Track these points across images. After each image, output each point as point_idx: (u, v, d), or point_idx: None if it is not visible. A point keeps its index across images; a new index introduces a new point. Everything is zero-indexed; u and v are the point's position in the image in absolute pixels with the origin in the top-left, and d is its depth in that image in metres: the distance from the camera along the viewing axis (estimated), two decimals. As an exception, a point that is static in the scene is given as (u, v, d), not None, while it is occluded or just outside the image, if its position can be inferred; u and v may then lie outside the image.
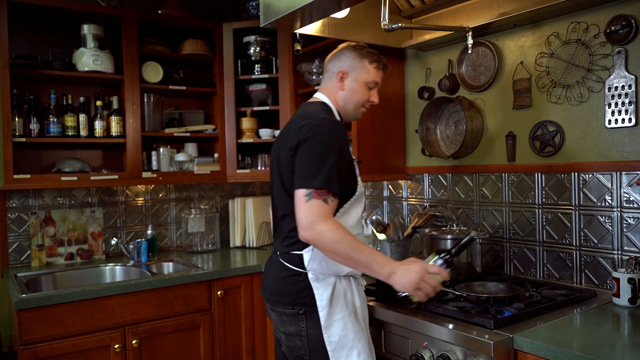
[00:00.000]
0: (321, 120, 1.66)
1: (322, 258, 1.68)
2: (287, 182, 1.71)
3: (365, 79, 1.82)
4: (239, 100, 3.28)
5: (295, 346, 1.73)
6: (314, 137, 1.61)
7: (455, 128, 2.56)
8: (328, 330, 1.66)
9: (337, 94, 1.83)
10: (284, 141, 1.74)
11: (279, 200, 1.78)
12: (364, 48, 1.84)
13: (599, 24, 2.02)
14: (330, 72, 1.84)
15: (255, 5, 3.26)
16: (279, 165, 1.76)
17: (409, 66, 2.84)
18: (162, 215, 3.31)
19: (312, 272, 1.69)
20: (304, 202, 1.57)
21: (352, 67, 1.81)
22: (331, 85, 1.84)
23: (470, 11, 2.33)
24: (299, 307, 1.69)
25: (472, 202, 2.52)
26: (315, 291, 1.68)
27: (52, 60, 2.71)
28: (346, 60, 1.81)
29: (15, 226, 2.85)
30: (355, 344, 1.67)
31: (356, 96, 1.82)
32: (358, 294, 1.76)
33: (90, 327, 2.31)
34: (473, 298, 1.80)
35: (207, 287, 2.64)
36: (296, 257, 1.72)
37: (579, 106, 2.10)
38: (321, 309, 1.67)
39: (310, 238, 1.57)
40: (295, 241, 1.71)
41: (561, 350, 1.44)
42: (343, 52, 1.83)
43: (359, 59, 1.81)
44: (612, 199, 2.01)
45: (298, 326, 1.70)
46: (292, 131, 1.69)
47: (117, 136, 2.87)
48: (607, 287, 2.02)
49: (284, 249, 1.77)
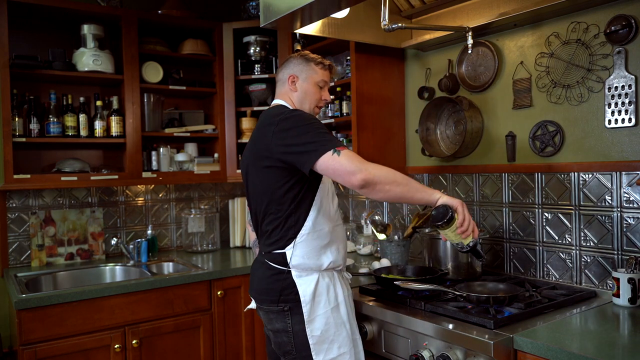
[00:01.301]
0: (290, 111, 1.79)
1: (304, 254, 1.75)
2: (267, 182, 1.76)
3: (315, 79, 1.92)
4: (239, 100, 3.28)
5: (282, 342, 1.79)
6: (292, 123, 1.70)
7: (455, 128, 2.56)
8: (311, 325, 1.73)
9: (292, 96, 1.92)
10: (253, 144, 1.81)
11: (258, 201, 1.83)
12: (308, 54, 1.96)
13: (599, 24, 2.02)
14: (282, 80, 1.95)
15: (255, 5, 3.26)
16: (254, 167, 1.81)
17: (409, 66, 2.84)
18: (162, 215, 3.31)
19: (295, 269, 1.76)
20: (336, 158, 1.60)
21: (301, 71, 1.91)
22: (285, 90, 1.94)
23: (470, 11, 2.33)
24: (284, 304, 1.75)
25: (472, 202, 2.52)
26: (298, 287, 1.74)
27: (52, 60, 2.71)
28: (294, 66, 1.93)
29: (16, 226, 2.85)
30: (336, 337, 1.75)
31: (309, 96, 1.92)
32: (342, 287, 1.82)
33: (90, 327, 2.32)
34: (473, 298, 1.80)
35: (207, 287, 2.64)
36: (279, 255, 1.78)
37: (579, 106, 2.10)
38: (304, 304, 1.73)
39: (368, 176, 1.58)
40: (276, 240, 1.78)
41: (561, 350, 1.44)
42: (290, 60, 1.95)
43: (306, 63, 1.93)
44: (612, 199, 2.01)
45: (284, 322, 1.76)
46: (264, 130, 1.75)
47: (117, 136, 2.87)
48: (607, 287, 2.02)
49: (266, 248, 1.82)
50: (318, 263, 1.77)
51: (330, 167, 1.61)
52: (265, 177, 1.77)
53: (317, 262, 1.77)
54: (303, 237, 1.76)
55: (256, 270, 1.87)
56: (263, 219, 1.82)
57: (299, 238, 1.76)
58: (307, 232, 1.76)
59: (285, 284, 1.75)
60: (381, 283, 2.11)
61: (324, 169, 1.63)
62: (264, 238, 1.84)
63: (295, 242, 1.76)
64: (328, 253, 1.79)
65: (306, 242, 1.76)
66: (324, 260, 1.78)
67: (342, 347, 1.75)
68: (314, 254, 1.77)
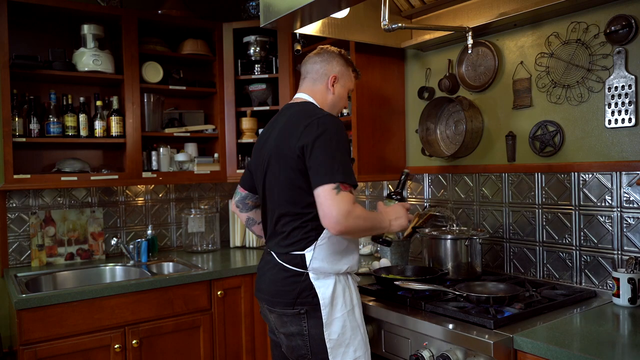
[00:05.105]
0: (325, 116, 1.69)
1: (324, 257, 1.71)
2: (291, 182, 1.70)
3: (349, 87, 1.89)
4: (239, 100, 3.28)
5: (297, 346, 1.74)
6: (324, 133, 1.63)
7: (455, 128, 2.56)
8: (329, 328, 1.69)
9: (326, 97, 1.85)
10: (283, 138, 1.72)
11: (276, 201, 1.76)
12: (346, 55, 1.90)
13: (599, 24, 2.02)
14: (319, 74, 1.85)
15: (255, 5, 3.26)
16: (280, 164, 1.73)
17: (409, 66, 2.84)
18: (162, 215, 3.31)
19: (314, 271, 1.71)
20: (334, 196, 1.57)
21: (342, 74, 1.86)
22: (321, 87, 1.85)
23: (470, 11, 2.33)
24: (300, 307, 1.71)
25: (472, 202, 2.52)
26: (317, 290, 1.70)
27: (52, 60, 2.71)
28: (336, 66, 1.85)
29: (15, 226, 2.85)
30: (352, 341, 1.71)
31: (341, 102, 1.89)
32: (355, 290, 1.79)
33: (90, 327, 2.31)
34: (473, 298, 1.80)
35: (207, 287, 2.64)
36: (297, 257, 1.73)
37: (579, 106, 2.10)
38: (323, 307, 1.69)
39: (344, 229, 1.58)
40: (296, 241, 1.72)
41: (561, 350, 1.44)
42: (332, 57, 1.86)
43: (346, 67, 1.88)
44: (612, 199, 2.01)
45: (299, 326, 1.72)
46: (298, 131, 1.67)
47: (117, 136, 2.87)
48: (607, 287, 2.02)
49: (282, 249, 1.76)
50: (336, 267, 1.73)
51: (322, 201, 1.58)
52: (284, 178, 1.71)
53: (335, 267, 1.73)
54: (324, 240, 1.71)
55: (267, 272, 1.81)
56: (280, 218, 1.76)
57: (320, 241, 1.71)
58: (328, 235, 1.70)
59: (302, 287, 1.70)
60: (381, 283, 2.11)
61: (316, 196, 1.60)
62: (278, 238, 1.78)
63: (316, 244, 1.71)
64: (346, 258, 1.76)
65: (327, 245, 1.71)
66: (343, 265, 1.74)
67: (358, 350, 1.72)
68: (334, 258, 1.72)
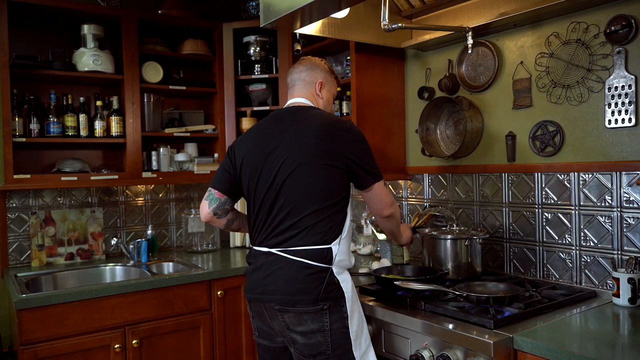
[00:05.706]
0: (349, 123, 1.84)
1: (344, 251, 1.78)
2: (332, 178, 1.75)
3: (333, 92, 2.02)
4: (239, 100, 3.28)
5: (316, 343, 1.71)
6: (363, 140, 1.82)
7: (455, 128, 2.56)
8: (351, 321, 1.74)
9: (318, 102, 1.96)
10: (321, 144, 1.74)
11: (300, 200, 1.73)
12: (327, 63, 2.02)
13: (599, 24, 2.02)
14: (307, 82, 1.95)
15: (255, 5, 3.26)
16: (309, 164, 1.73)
17: (409, 66, 2.84)
18: (162, 215, 3.31)
19: (337, 265, 1.76)
20: (385, 189, 1.88)
21: (326, 80, 1.97)
22: (312, 91, 1.95)
23: (470, 11, 2.33)
24: (323, 303, 1.70)
25: (472, 202, 2.52)
26: (342, 284, 1.74)
27: (52, 60, 2.71)
28: (320, 73, 1.96)
29: (15, 226, 2.85)
30: (363, 332, 1.79)
31: (329, 105, 2.00)
32: None
33: (90, 327, 2.32)
34: (473, 298, 1.80)
35: (207, 287, 2.64)
36: (323, 251, 1.72)
37: (579, 106, 2.10)
38: (348, 300, 1.74)
39: (394, 210, 1.92)
40: (320, 235, 1.73)
41: (561, 350, 1.44)
42: (316, 65, 1.97)
43: (329, 73, 1.99)
44: (612, 199, 2.01)
45: (321, 322, 1.70)
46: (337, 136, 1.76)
47: (117, 136, 2.87)
48: (607, 287, 2.02)
49: (299, 245, 1.72)
50: (351, 261, 1.83)
51: (378, 194, 1.85)
52: (323, 173, 1.74)
53: (350, 260, 1.82)
54: (344, 234, 1.78)
55: (276, 271, 1.74)
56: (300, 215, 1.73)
57: (343, 234, 1.78)
58: (347, 229, 1.79)
59: (328, 281, 1.71)
60: (381, 283, 2.11)
61: (371, 192, 1.84)
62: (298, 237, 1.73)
63: (341, 238, 1.77)
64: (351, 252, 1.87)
65: (345, 239, 1.79)
66: (352, 260, 1.85)
67: (366, 340, 1.79)
68: (348, 252, 1.81)
